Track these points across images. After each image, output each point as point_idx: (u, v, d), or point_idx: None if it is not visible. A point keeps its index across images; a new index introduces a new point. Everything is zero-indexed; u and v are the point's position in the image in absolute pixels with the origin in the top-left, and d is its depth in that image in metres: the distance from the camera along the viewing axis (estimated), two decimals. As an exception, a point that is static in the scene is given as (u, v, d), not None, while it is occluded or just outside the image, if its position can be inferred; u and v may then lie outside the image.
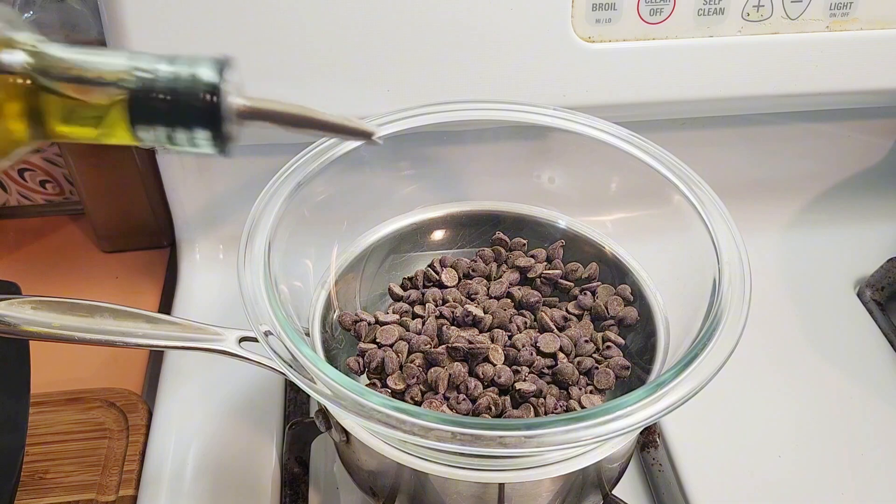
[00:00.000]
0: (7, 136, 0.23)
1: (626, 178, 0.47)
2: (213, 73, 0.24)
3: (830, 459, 0.48)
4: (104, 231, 0.64)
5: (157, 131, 0.24)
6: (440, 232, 0.50)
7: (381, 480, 0.40)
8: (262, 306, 0.35)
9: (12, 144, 0.24)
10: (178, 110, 0.23)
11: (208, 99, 0.23)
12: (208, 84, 0.23)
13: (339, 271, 0.46)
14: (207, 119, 0.24)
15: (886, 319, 0.57)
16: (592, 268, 0.47)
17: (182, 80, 0.23)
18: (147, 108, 0.23)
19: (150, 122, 0.23)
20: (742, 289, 0.37)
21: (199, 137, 0.24)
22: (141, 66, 0.23)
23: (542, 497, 0.38)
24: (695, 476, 0.46)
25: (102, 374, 0.55)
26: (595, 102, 0.52)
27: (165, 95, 0.23)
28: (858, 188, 0.65)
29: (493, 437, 0.30)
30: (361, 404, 0.31)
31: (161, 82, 0.23)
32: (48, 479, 0.46)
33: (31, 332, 0.36)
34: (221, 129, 0.24)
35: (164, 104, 0.23)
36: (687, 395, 0.33)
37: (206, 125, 0.24)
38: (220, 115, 0.24)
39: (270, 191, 0.41)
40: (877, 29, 0.52)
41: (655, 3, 0.49)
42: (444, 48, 0.49)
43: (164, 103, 0.23)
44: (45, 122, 0.23)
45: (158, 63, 0.24)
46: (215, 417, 0.49)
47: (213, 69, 0.24)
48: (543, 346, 0.41)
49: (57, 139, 0.24)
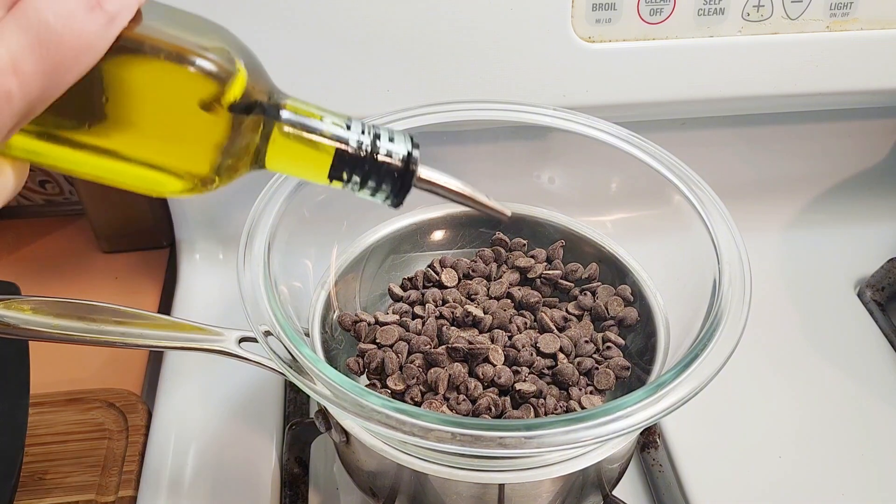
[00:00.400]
0: (236, 166, 0.27)
1: (626, 178, 0.47)
2: (411, 146, 0.29)
3: (830, 459, 0.48)
4: (104, 231, 0.64)
5: (352, 179, 0.29)
6: (440, 232, 0.50)
7: (380, 481, 0.40)
8: (261, 306, 0.35)
9: (234, 174, 0.28)
10: (378, 169, 0.29)
11: (405, 166, 0.29)
12: (407, 154, 0.29)
13: (339, 271, 0.46)
14: (398, 181, 0.29)
15: (886, 319, 0.57)
16: (592, 268, 0.47)
17: (385, 146, 0.29)
18: (353, 161, 0.28)
19: (351, 172, 0.28)
20: (742, 289, 0.37)
21: (384, 191, 0.29)
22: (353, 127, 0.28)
23: (542, 497, 0.38)
24: (695, 476, 0.46)
25: (102, 375, 0.55)
26: (595, 102, 0.52)
27: (373, 155, 0.28)
28: (858, 188, 0.65)
29: (492, 437, 0.30)
30: (361, 405, 0.31)
31: (368, 144, 0.28)
32: (48, 479, 0.46)
33: (31, 332, 0.36)
34: (405, 190, 0.29)
35: (369, 162, 0.28)
36: (687, 396, 0.33)
37: (394, 184, 0.29)
38: (409, 180, 0.29)
39: (270, 191, 0.41)
40: (877, 29, 0.52)
41: (655, 3, 0.49)
42: (444, 48, 0.49)
43: (369, 161, 0.28)
44: (264, 158, 0.28)
45: (366, 127, 0.29)
46: (215, 418, 0.49)
47: (409, 143, 0.29)
48: (543, 346, 0.41)
49: (264, 169, 0.28)
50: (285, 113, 0.28)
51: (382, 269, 0.49)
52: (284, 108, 0.28)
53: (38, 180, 0.67)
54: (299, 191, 0.41)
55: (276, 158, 0.28)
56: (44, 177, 0.66)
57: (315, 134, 0.28)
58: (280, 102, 0.28)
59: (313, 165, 0.28)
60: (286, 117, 0.27)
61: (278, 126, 0.27)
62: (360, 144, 0.28)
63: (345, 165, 0.28)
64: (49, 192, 0.68)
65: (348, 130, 0.28)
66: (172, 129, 0.25)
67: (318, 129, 0.28)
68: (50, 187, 0.67)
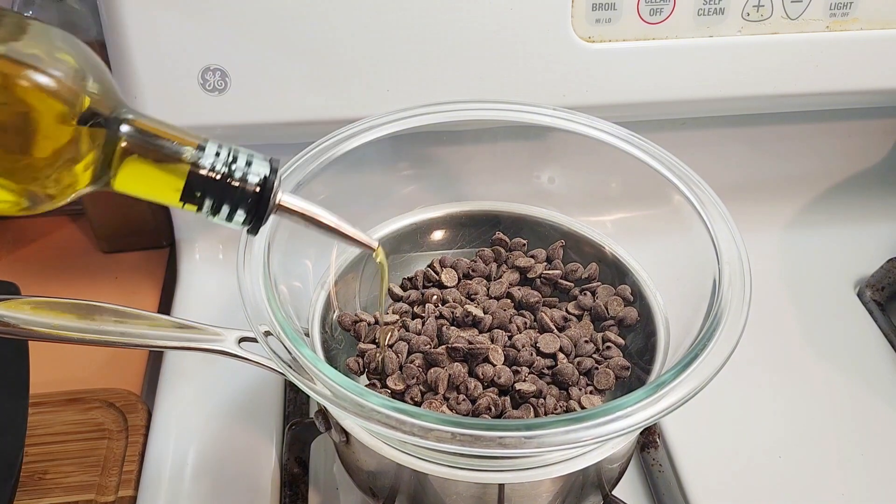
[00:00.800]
0: (73, 181, 0.26)
1: (626, 178, 0.47)
2: (268, 168, 0.28)
3: (830, 459, 0.48)
4: (104, 231, 0.64)
5: (205, 203, 0.27)
6: (440, 232, 0.50)
7: (380, 481, 0.40)
8: (261, 306, 0.35)
9: (70, 190, 0.26)
10: (231, 193, 0.27)
11: (260, 191, 0.28)
12: (262, 178, 0.28)
13: (338, 271, 0.46)
14: (253, 205, 0.28)
15: (886, 319, 0.57)
16: (592, 268, 0.47)
17: (241, 170, 0.27)
18: (205, 183, 0.27)
19: (203, 195, 0.27)
20: (742, 289, 0.37)
21: (238, 216, 0.28)
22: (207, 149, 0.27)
23: (542, 497, 0.38)
24: (695, 476, 0.46)
25: (102, 375, 0.55)
26: (595, 102, 0.52)
27: (225, 178, 0.27)
28: (858, 188, 0.65)
29: (492, 437, 0.30)
30: (361, 405, 0.31)
31: (221, 167, 0.27)
32: (47, 479, 0.46)
33: (31, 331, 0.36)
34: (261, 216, 0.28)
35: (221, 185, 0.27)
36: (687, 396, 0.33)
37: (249, 209, 0.28)
38: (265, 205, 0.28)
39: (270, 191, 0.41)
40: (877, 29, 0.52)
41: (655, 3, 0.49)
42: (444, 48, 0.49)
43: (221, 184, 0.27)
44: (109, 177, 0.27)
45: (222, 148, 0.28)
46: (215, 417, 0.49)
47: (267, 166, 0.28)
48: (543, 346, 0.41)
49: (111, 190, 0.27)
50: (132, 130, 0.26)
51: (382, 269, 0.49)
52: (132, 125, 0.26)
53: (37, 180, 0.67)
54: (299, 191, 0.41)
55: (124, 178, 0.27)
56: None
57: (165, 153, 0.27)
58: (127, 118, 0.26)
59: (163, 187, 0.27)
60: (133, 134, 0.26)
61: (124, 143, 0.26)
62: (214, 167, 0.27)
63: (197, 188, 0.27)
64: None
65: (202, 151, 0.27)
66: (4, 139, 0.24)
67: (168, 148, 0.27)
68: (50, 187, 0.67)
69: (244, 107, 0.50)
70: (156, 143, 0.27)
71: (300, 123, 0.50)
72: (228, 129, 0.51)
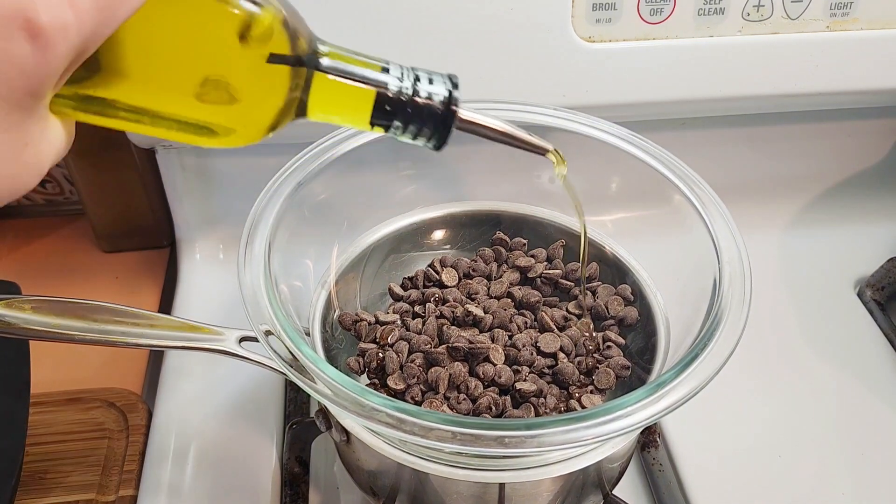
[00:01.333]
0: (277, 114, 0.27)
1: (626, 178, 0.47)
2: (450, 87, 0.29)
3: (830, 459, 0.48)
4: (104, 231, 0.64)
5: (393, 123, 0.28)
6: (440, 232, 0.50)
7: (381, 480, 0.40)
8: (262, 306, 0.35)
9: (274, 123, 0.27)
10: (420, 112, 0.28)
11: (446, 108, 0.29)
12: (447, 96, 0.29)
13: (339, 271, 0.46)
14: (439, 123, 0.29)
15: (886, 319, 0.57)
16: (593, 268, 0.47)
17: (426, 89, 0.29)
18: (393, 104, 0.28)
19: (392, 116, 0.28)
20: (742, 289, 0.37)
21: (425, 134, 0.29)
22: (392, 71, 0.28)
23: (543, 497, 0.38)
24: (695, 476, 0.47)
25: (102, 374, 0.55)
26: (595, 102, 0.52)
27: (413, 98, 0.28)
28: (858, 188, 0.65)
29: (493, 437, 0.30)
30: (361, 404, 0.31)
31: (408, 86, 0.28)
32: (48, 479, 0.46)
33: (31, 331, 0.36)
34: (447, 131, 0.29)
35: (410, 105, 0.28)
36: (687, 395, 0.33)
37: (436, 127, 0.29)
38: (450, 121, 0.29)
39: (270, 191, 0.41)
40: (877, 29, 0.52)
41: (655, 3, 0.49)
42: (444, 48, 0.49)
43: (409, 104, 0.28)
44: (305, 106, 0.28)
45: (405, 70, 0.29)
46: (215, 417, 0.49)
47: (449, 83, 0.29)
48: (544, 346, 0.41)
49: (307, 119, 0.28)
50: (325, 60, 0.27)
51: (383, 269, 0.49)
52: (323, 55, 0.27)
53: (38, 180, 0.67)
54: (299, 191, 0.41)
55: (317, 106, 0.28)
56: (44, 177, 0.66)
57: (354, 79, 0.28)
58: (318, 49, 0.27)
59: (354, 111, 0.28)
60: (326, 64, 0.27)
61: (318, 73, 0.27)
62: (400, 88, 0.28)
63: (385, 109, 0.28)
64: (49, 192, 0.68)
65: (387, 74, 0.28)
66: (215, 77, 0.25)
67: (357, 73, 0.28)
68: (50, 187, 0.67)
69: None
70: (347, 69, 0.28)
71: (301, 123, 0.50)
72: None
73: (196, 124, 0.26)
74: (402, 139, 0.30)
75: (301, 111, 0.28)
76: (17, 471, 0.40)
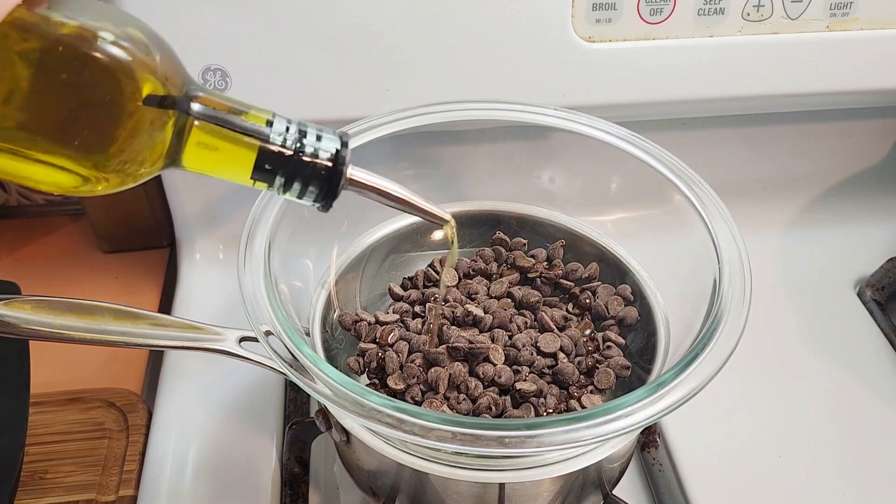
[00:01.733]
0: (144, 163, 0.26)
1: (626, 178, 0.47)
2: (338, 144, 0.28)
3: (830, 459, 0.48)
4: (104, 231, 0.64)
5: (276, 180, 0.27)
6: (440, 232, 0.50)
7: (381, 480, 0.40)
8: (262, 306, 0.35)
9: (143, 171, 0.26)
10: (303, 169, 0.27)
11: (332, 166, 0.27)
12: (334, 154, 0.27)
13: (339, 271, 0.46)
14: (325, 181, 0.28)
15: (886, 319, 0.57)
16: (592, 268, 0.47)
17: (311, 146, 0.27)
18: (276, 160, 0.27)
19: (274, 172, 0.27)
20: (742, 289, 0.37)
21: (310, 194, 0.28)
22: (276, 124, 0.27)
23: (543, 497, 0.38)
24: (695, 476, 0.46)
25: (102, 374, 0.55)
26: (595, 102, 0.52)
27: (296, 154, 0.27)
28: (858, 188, 0.65)
29: (493, 437, 0.30)
30: (361, 404, 0.31)
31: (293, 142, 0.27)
32: (48, 479, 0.46)
33: (31, 331, 0.36)
34: (333, 192, 0.28)
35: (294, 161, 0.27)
36: (687, 395, 0.33)
37: (321, 186, 0.28)
38: (337, 180, 0.28)
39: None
40: (877, 29, 0.52)
41: (655, 3, 0.49)
42: (444, 48, 0.49)
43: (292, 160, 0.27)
44: (179, 156, 0.26)
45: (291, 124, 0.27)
46: (215, 417, 0.49)
47: (338, 141, 0.28)
48: (544, 346, 0.41)
49: (181, 169, 0.27)
50: (202, 107, 0.26)
51: (383, 269, 0.49)
52: (201, 102, 0.26)
53: (38, 180, 0.67)
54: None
55: (193, 156, 0.26)
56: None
57: (234, 130, 0.26)
58: (196, 95, 0.26)
59: (233, 164, 0.27)
60: (203, 112, 0.26)
61: (194, 121, 0.26)
62: (284, 142, 0.27)
63: (268, 165, 0.27)
64: (49, 192, 0.68)
65: (270, 127, 0.27)
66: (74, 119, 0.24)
67: (237, 124, 0.26)
68: (50, 187, 0.67)
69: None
70: (225, 120, 0.26)
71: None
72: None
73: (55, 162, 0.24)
74: (287, 197, 0.28)
75: (175, 159, 0.26)
76: (17, 471, 0.40)
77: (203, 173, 0.27)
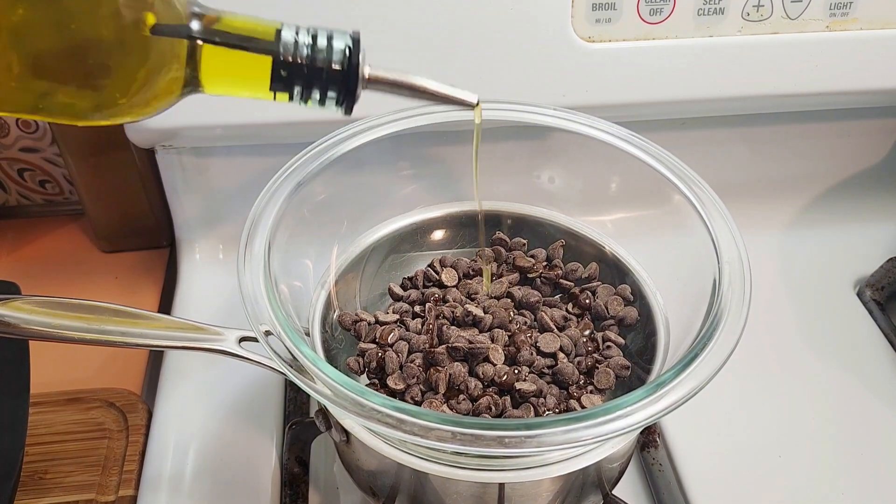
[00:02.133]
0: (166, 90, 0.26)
1: (626, 178, 0.47)
2: (349, 44, 0.27)
3: (830, 459, 0.48)
4: (104, 231, 0.64)
5: (294, 89, 0.27)
6: (440, 232, 0.50)
7: (381, 480, 0.40)
8: (262, 306, 0.35)
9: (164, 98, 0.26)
10: (319, 73, 0.27)
11: (345, 66, 0.27)
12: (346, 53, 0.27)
13: (339, 271, 0.46)
14: (342, 83, 0.27)
15: (886, 319, 0.57)
16: (592, 268, 0.47)
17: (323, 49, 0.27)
18: (290, 69, 0.27)
19: (291, 81, 0.27)
20: (742, 289, 0.37)
21: (331, 98, 0.28)
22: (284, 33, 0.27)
23: (543, 497, 0.38)
24: (695, 476, 0.46)
25: (102, 374, 0.55)
26: (595, 102, 0.52)
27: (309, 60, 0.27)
28: (858, 188, 0.65)
29: (493, 437, 0.30)
30: (361, 404, 0.31)
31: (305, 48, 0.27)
32: (48, 479, 0.46)
33: (31, 331, 0.36)
34: (352, 92, 0.28)
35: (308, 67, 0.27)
36: (687, 395, 0.33)
37: (339, 88, 0.27)
38: (354, 80, 0.27)
39: (270, 191, 0.41)
40: (877, 29, 0.52)
41: (655, 3, 0.49)
42: (444, 48, 0.49)
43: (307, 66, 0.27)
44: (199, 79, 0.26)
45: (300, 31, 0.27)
46: (215, 417, 0.49)
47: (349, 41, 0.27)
48: (543, 345, 0.41)
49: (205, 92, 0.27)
50: (210, 29, 0.26)
51: (382, 269, 0.49)
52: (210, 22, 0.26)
53: (38, 180, 0.67)
54: (299, 191, 0.41)
55: (211, 78, 0.26)
56: (44, 177, 0.66)
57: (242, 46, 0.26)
58: (205, 16, 0.26)
59: (250, 80, 0.27)
60: (212, 31, 0.26)
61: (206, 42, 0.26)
62: (296, 49, 0.27)
63: (284, 75, 0.27)
64: (49, 192, 0.68)
65: (281, 36, 0.27)
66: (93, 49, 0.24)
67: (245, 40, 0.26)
68: (50, 187, 0.67)
69: (245, 107, 0.50)
70: (235, 37, 0.26)
71: (300, 123, 0.50)
72: (228, 129, 0.51)
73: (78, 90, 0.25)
74: (310, 107, 0.28)
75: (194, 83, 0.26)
76: (17, 471, 0.40)
77: (224, 94, 0.27)
